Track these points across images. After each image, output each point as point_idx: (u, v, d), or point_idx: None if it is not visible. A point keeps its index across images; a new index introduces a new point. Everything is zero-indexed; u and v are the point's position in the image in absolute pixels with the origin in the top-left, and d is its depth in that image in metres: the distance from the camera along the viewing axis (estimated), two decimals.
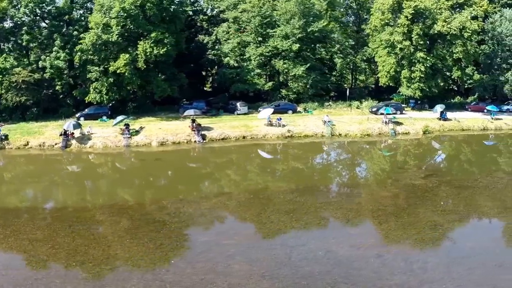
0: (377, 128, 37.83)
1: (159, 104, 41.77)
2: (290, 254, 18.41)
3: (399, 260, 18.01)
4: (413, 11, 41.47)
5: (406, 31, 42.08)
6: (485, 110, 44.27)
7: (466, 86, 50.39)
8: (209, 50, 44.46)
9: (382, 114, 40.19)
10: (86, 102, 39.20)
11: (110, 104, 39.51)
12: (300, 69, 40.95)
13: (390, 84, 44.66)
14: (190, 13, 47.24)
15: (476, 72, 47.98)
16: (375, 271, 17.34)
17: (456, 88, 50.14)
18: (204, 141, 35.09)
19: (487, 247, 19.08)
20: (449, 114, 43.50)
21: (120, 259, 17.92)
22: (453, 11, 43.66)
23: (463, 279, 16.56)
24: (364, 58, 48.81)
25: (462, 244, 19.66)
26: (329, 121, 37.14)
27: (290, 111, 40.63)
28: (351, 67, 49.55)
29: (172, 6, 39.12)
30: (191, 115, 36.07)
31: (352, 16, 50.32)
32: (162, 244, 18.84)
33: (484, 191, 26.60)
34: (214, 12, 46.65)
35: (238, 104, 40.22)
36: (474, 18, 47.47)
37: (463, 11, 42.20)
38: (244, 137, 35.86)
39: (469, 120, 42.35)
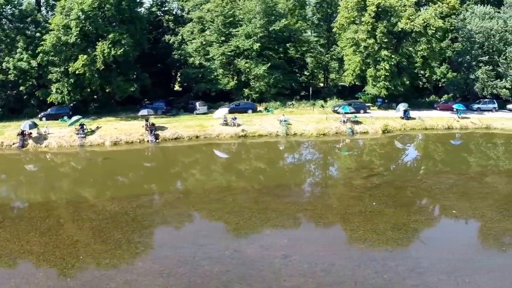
0: (335, 128, 37.36)
1: (122, 104, 42.22)
2: (196, 253, 18.33)
3: (304, 262, 17.63)
4: (376, 9, 41.09)
5: (370, 29, 41.68)
6: (454, 109, 43.60)
7: (439, 85, 49.68)
8: (175, 50, 44.79)
9: (346, 113, 39.99)
10: (48, 102, 40.07)
11: (71, 105, 40.15)
12: (262, 69, 40.80)
13: (357, 83, 44.28)
14: (159, 13, 47.76)
15: (450, 70, 47.30)
16: (275, 272, 17.08)
17: (430, 87, 49.27)
18: (157, 140, 35.22)
19: (400, 252, 18.67)
20: (416, 113, 42.84)
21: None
22: (419, 9, 43.05)
23: (367, 283, 16.10)
24: (335, 57, 48.42)
25: (381, 246, 19.06)
26: (284, 121, 36.99)
27: (250, 111, 40.47)
28: (321, 66, 49.14)
29: (132, 7, 39.45)
30: (145, 115, 36.40)
31: (322, 15, 49.79)
32: (78, 241, 19.11)
33: (423, 192, 25.92)
34: (180, 12, 46.90)
35: (197, 103, 40.22)
36: (448, 16, 46.81)
37: (427, 8, 41.53)
38: (197, 137, 35.84)
39: (434, 119, 41.55)
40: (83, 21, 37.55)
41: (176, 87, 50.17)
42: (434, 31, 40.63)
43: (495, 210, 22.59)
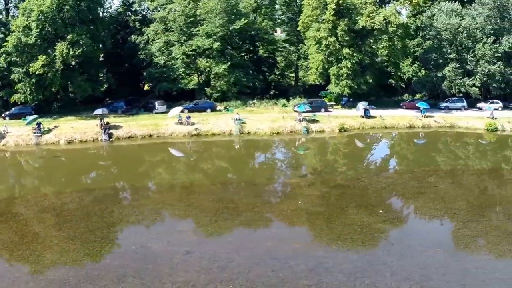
0: (290, 126, 37.16)
1: (86, 103, 42.82)
2: (104, 248, 18.62)
3: (204, 259, 17.48)
4: (336, 7, 40.80)
5: (331, 27, 41.43)
6: (421, 108, 42.97)
7: (411, 83, 49.09)
8: (141, 50, 45.29)
9: (301, 112, 39.83)
10: (12, 102, 41.00)
11: (34, 104, 40.95)
12: (222, 68, 40.98)
13: (322, 82, 44.09)
14: (128, 13, 48.43)
15: (423, 68, 46.69)
16: (172, 267, 17.06)
17: (397, 86, 48.69)
18: (111, 139, 35.62)
19: (306, 251, 18.35)
20: (380, 112, 42.39)
21: None
22: (382, 6, 42.66)
23: (259, 281, 15.82)
24: (303, 55, 48.28)
25: (288, 245, 18.82)
26: (238, 119, 37.06)
27: (209, 110, 40.55)
28: (291, 65, 49.08)
29: (92, 8, 40.03)
30: (99, 114, 36.93)
31: (292, 13, 49.68)
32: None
33: (357, 191, 25.43)
34: (147, 12, 47.45)
35: (156, 103, 40.49)
36: (419, 13, 46.27)
37: (389, 5, 41.16)
38: (150, 136, 36.13)
39: (395, 118, 40.97)
40: (43, 23, 38.47)
41: (146, 87, 50.74)
42: (395, 28, 40.28)
43: (423, 211, 22.14)
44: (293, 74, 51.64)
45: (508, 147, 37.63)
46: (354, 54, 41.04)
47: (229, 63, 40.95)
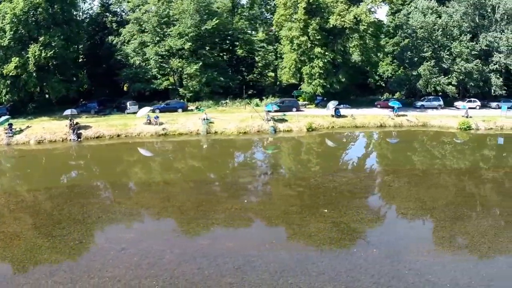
0: (257, 126, 37.41)
1: (61, 104, 43.59)
2: (45, 244, 18.88)
3: (137, 255, 17.64)
4: (308, 6, 40.92)
5: (302, 26, 41.56)
6: (395, 108, 42.82)
7: (387, 82, 49.05)
8: (118, 51, 46.03)
9: (269, 111, 40.15)
10: None
11: (9, 105, 41.80)
12: (193, 68, 41.48)
13: (295, 81, 44.32)
14: (107, 14, 49.17)
15: (401, 68, 46.62)
16: (104, 263, 17.20)
17: (372, 84, 48.68)
18: (79, 139, 36.34)
19: (237, 249, 18.64)
20: (353, 111, 42.44)
21: None
22: (355, 4, 42.54)
23: (182, 278, 16.02)
24: (279, 55, 48.51)
25: (221, 244, 18.97)
26: (205, 119, 37.45)
27: (180, 109, 41.06)
28: (268, 64, 49.35)
29: (65, 10, 40.68)
30: (68, 115, 37.63)
31: (271, 13, 49.95)
32: None
33: (307, 190, 25.44)
34: (123, 13, 48.15)
35: (128, 103, 41.17)
36: (398, 11, 46.17)
37: (361, 4, 41.09)
38: (118, 136, 36.72)
39: (367, 117, 40.97)
40: (16, 25, 39.28)
41: (126, 87, 51.46)
42: (366, 27, 40.28)
43: (367, 211, 21.94)
44: (272, 74, 51.91)
45: (476, 146, 37.32)
46: (326, 53, 41.13)
47: (200, 63, 41.39)
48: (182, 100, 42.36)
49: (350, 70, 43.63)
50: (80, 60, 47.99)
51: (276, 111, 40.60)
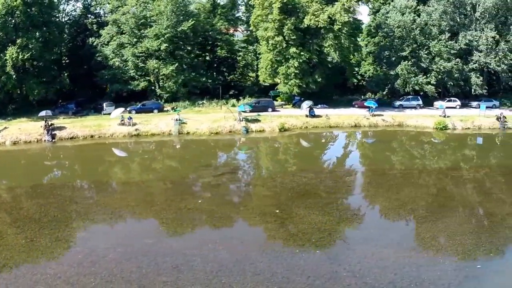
0: (229, 126, 38.00)
1: (42, 105, 44.47)
2: None
3: (82, 253, 18.23)
4: (282, 5, 41.25)
5: (277, 26, 41.93)
6: (371, 108, 42.91)
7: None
8: (98, 53, 46.89)
9: (245, 111, 40.68)
10: None
11: None
12: (169, 69, 42.19)
13: (270, 81, 44.74)
14: (89, 15, 50.13)
15: (380, 67, 46.70)
16: (49, 261, 17.97)
17: (350, 84, 48.88)
18: (53, 140, 37.16)
19: (180, 247, 18.90)
20: (330, 111, 42.75)
21: None
22: (331, 4, 42.76)
23: (120, 276, 16.52)
24: (259, 55, 48.97)
25: (166, 243, 19.33)
26: (178, 120, 38.06)
27: (155, 110, 41.79)
28: (249, 64, 49.87)
29: (44, 12, 41.52)
30: (43, 116, 38.52)
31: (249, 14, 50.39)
32: None
33: (264, 190, 25.97)
34: (103, 14, 49.02)
35: (104, 104, 42.06)
36: (378, 11, 46.27)
37: (336, 3, 41.30)
38: (92, 136, 37.45)
39: (342, 116, 41.26)
40: None
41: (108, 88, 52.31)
42: (340, 27, 40.53)
43: (320, 212, 22.03)
44: (253, 74, 52.37)
45: (448, 146, 37.47)
46: (302, 53, 41.46)
47: (176, 64, 42.06)
48: (158, 101, 43.06)
49: (327, 70, 43.90)
50: (63, 62, 49.06)
51: (251, 111, 41.23)
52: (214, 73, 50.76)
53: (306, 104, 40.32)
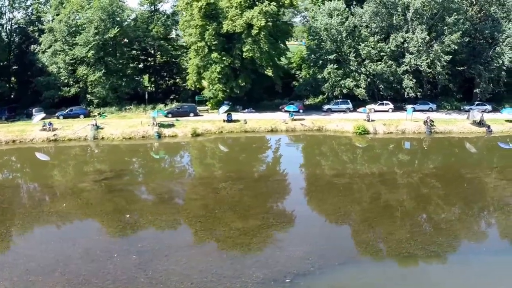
0: (142, 132, 40.40)
1: None
2: None
3: None
4: (202, 11, 42.92)
5: (199, 32, 43.90)
6: (284, 110, 44.09)
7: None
8: (38, 60, 50.24)
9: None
10: None
11: None
12: (97, 75, 45.14)
13: (197, 86, 46.76)
14: (36, 23, 53.67)
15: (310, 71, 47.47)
16: None
17: (278, 88, 49.73)
18: None
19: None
20: (252, 116, 44.46)
21: None
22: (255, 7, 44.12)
23: None
24: None
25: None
26: (94, 125, 40.78)
27: (82, 116, 44.77)
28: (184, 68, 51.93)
29: None
30: None
31: None
32: None
33: (129, 195, 28.03)
34: (44, 22, 52.34)
35: (33, 110, 45.30)
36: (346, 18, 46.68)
37: (255, 7, 42.69)
38: (14, 141, 40.34)
39: (260, 121, 42.84)
40: None
41: None
42: (257, 31, 42.00)
43: (178, 218, 24.24)
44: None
45: (355, 150, 38.68)
46: (224, 58, 43.33)
47: (103, 71, 44.92)
48: (84, 107, 46.12)
49: (252, 74, 45.50)
50: (11, 69, 53.07)
51: (174, 116, 43.56)
52: (153, 78, 53.43)
53: (222, 109, 42.10)
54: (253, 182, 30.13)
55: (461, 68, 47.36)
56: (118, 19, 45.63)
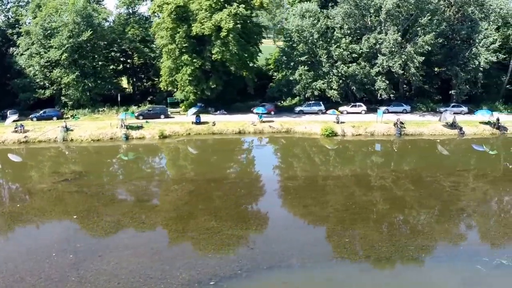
0: (110, 133, 41.41)
1: None
2: None
3: None
4: (173, 14, 43.83)
5: (170, 35, 44.72)
6: (260, 114, 44.64)
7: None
8: (15, 62, 51.57)
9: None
10: None
11: None
12: (70, 77, 46.29)
13: (169, 89, 47.60)
14: (16, 25, 55.16)
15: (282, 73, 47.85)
16: None
17: (250, 90, 50.27)
18: None
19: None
20: (226, 117, 45.28)
21: None
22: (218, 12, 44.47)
23: None
24: None
25: None
26: (64, 127, 41.84)
27: (55, 118, 45.86)
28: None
29: None
30: None
31: None
32: None
33: (85, 196, 28.81)
34: (23, 25, 53.76)
35: (8, 112, 46.64)
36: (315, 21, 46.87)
37: (224, 10, 43.33)
38: None
39: (228, 123, 43.48)
40: None
41: None
42: (226, 33, 42.64)
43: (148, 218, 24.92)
44: None
45: (317, 153, 38.92)
46: (194, 60, 44.10)
47: (76, 73, 46.07)
48: (57, 109, 47.31)
49: (224, 76, 46.17)
50: None
51: (145, 118, 44.51)
52: (132, 80, 54.47)
53: (191, 111, 42.88)
54: (206, 184, 30.85)
55: (438, 69, 47.42)
56: (93, 22, 46.79)
